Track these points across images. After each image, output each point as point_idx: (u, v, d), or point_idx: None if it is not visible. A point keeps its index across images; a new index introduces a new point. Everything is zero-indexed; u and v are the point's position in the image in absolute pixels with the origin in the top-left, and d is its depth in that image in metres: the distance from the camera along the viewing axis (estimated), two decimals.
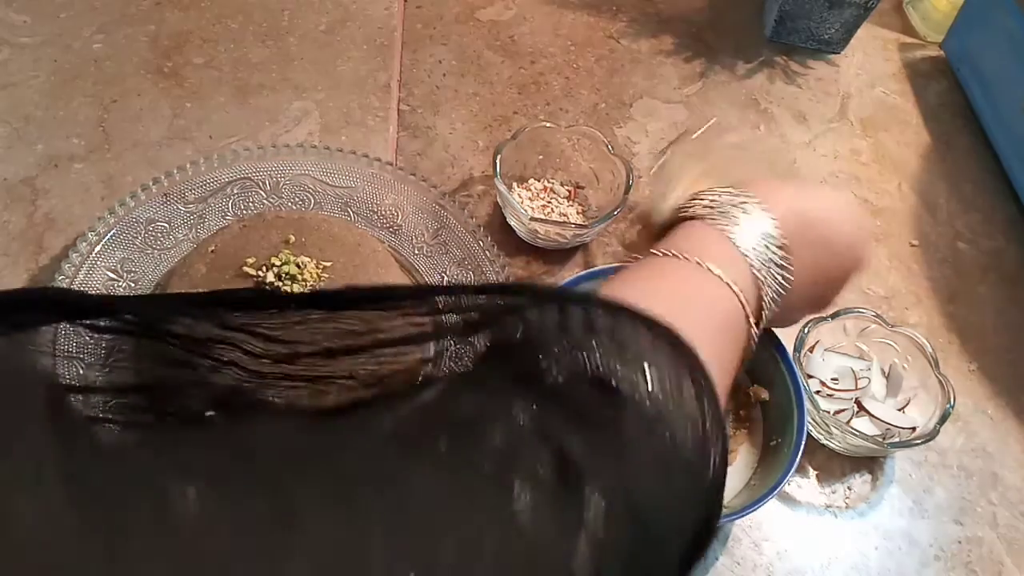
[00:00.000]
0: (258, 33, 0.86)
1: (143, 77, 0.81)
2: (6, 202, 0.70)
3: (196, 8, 0.87)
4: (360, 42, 0.87)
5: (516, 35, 0.91)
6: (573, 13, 0.95)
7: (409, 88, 0.84)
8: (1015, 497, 0.65)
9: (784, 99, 0.91)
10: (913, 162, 0.87)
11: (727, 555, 0.60)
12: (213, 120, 0.78)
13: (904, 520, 0.63)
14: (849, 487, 0.64)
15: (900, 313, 0.75)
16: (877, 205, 0.83)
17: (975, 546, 0.62)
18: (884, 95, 0.93)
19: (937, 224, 0.82)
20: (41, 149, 0.74)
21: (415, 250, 0.69)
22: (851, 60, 0.96)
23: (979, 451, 0.67)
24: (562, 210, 0.75)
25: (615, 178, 0.73)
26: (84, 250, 0.62)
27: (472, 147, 0.80)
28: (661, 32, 0.94)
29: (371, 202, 0.71)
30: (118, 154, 0.74)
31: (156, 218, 0.66)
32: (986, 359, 0.73)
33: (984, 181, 0.86)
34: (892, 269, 0.78)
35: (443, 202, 0.70)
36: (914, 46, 0.99)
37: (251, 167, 0.70)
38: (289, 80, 0.83)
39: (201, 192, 0.68)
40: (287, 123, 0.79)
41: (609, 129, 0.84)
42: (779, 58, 0.94)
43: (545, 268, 0.73)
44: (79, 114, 0.77)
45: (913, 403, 0.65)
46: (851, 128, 0.89)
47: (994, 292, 0.78)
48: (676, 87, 0.89)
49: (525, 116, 0.84)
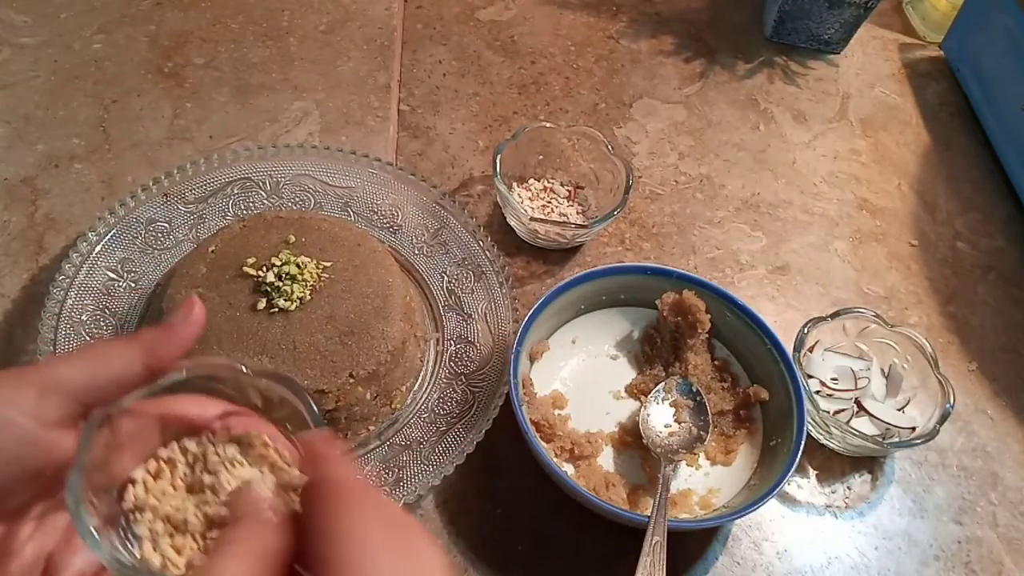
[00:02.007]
0: (258, 33, 0.86)
1: (143, 77, 0.81)
2: (6, 202, 0.70)
3: (196, 8, 0.87)
4: (360, 42, 0.87)
5: (516, 35, 0.91)
6: (573, 13, 0.95)
7: (409, 88, 0.84)
8: (1015, 497, 0.65)
9: (784, 99, 0.91)
10: (912, 162, 0.87)
11: (727, 555, 0.60)
12: (213, 120, 0.78)
13: (904, 520, 0.63)
14: (849, 487, 0.64)
15: (900, 313, 0.75)
16: (877, 205, 0.83)
17: (975, 546, 0.62)
18: (884, 95, 0.93)
19: (936, 224, 0.82)
20: (41, 149, 0.74)
21: (415, 250, 0.69)
22: (851, 60, 0.96)
23: (979, 451, 0.67)
24: (562, 210, 0.75)
25: (615, 178, 0.73)
26: (84, 250, 0.62)
27: (472, 147, 0.80)
28: (661, 32, 0.94)
29: (371, 202, 0.71)
30: (118, 154, 0.74)
31: (156, 218, 0.66)
32: (986, 359, 0.73)
33: (983, 181, 0.86)
34: (892, 269, 0.78)
35: (443, 202, 0.70)
36: (914, 46, 0.99)
37: (251, 167, 0.70)
38: (289, 80, 0.83)
39: (201, 192, 0.68)
40: (287, 123, 0.79)
41: (609, 129, 0.84)
42: (779, 58, 0.94)
43: (545, 268, 0.73)
44: (79, 114, 0.77)
45: (913, 403, 0.65)
46: (851, 128, 0.89)
47: (993, 292, 0.78)
48: (676, 87, 0.90)
49: (525, 116, 0.84)
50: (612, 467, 0.61)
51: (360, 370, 0.56)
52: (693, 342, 0.65)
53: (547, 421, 0.60)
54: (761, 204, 0.81)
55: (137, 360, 0.36)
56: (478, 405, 0.60)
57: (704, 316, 0.64)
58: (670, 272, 0.66)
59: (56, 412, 0.35)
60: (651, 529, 0.53)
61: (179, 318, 0.38)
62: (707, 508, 0.59)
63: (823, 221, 0.81)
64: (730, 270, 0.76)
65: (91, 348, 0.37)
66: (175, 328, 0.38)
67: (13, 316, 0.64)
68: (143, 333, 0.37)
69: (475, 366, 0.63)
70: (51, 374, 0.35)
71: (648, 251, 0.76)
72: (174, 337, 0.37)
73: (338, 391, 0.55)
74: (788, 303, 0.74)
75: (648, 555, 0.52)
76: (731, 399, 0.64)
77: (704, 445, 0.61)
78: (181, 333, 0.38)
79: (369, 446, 0.59)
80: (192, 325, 0.38)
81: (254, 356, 0.55)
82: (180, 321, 0.38)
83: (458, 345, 0.64)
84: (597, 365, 0.67)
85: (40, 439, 0.34)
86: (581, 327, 0.67)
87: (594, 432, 0.62)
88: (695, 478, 0.61)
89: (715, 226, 0.79)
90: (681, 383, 0.64)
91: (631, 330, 0.68)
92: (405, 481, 0.56)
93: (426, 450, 0.58)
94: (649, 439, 0.61)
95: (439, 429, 0.60)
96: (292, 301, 0.57)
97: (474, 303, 0.66)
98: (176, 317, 0.38)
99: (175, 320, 0.38)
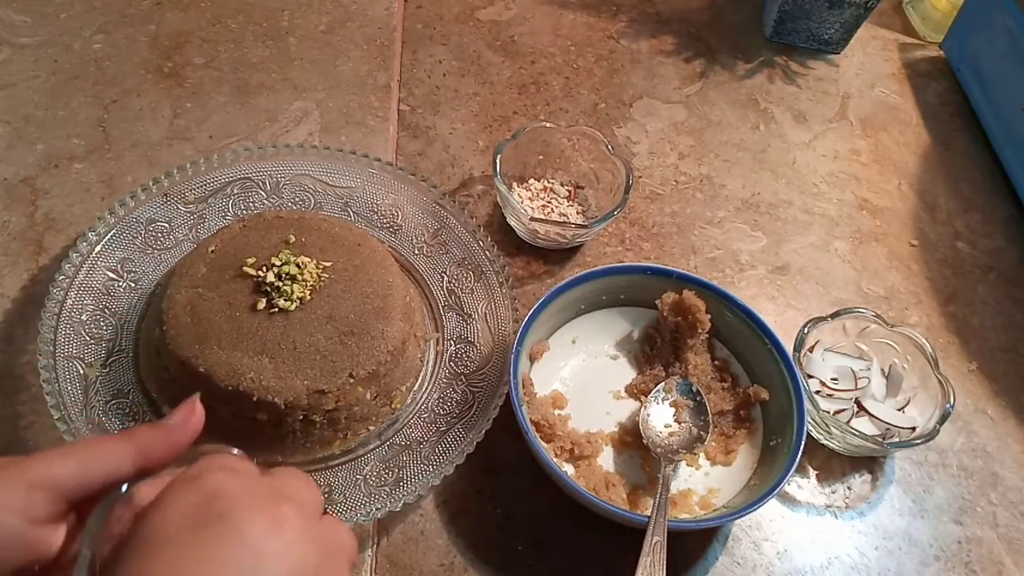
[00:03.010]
0: (258, 33, 0.86)
1: (143, 77, 0.81)
2: (6, 202, 0.70)
3: (196, 8, 0.87)
4: (360, 42, 0.87)
5: (516, 35, 0.91)
6: (573, 13, 0.95)
7: (409, 88, 0.84)
8: (1015, 497, 0.65)
9: (784, 99, 0.91)
10: (912, 162, 0.87)
11: (727, 555, 0.60)
12: (213, 120, 0.78)
13: (904, 520, 0.63)
14: (849, 487, 0.64)
15: (900, 313, 0.75)
16: (877, 205, 0.83)
17: (975, 546, 0.62)
18: (884, 95, 0.93)
19: (936, 224, 0.82)
20: (41, 149, 0.74)
21: (415, 250, 0.69)
22: (851, 60, 0.96)
23: (979, 451, 0.67)
24: (562, 210, 0.75)
25: (615, 178, 0.73)
26: (84, 250, 0.62)
27: (472, 147, 0.80)
28: (661, 32, 0.94)
29: (371, 202, 0.71)
30: (118, 154, 0.74)
31: (156, 218, 0.66)
32: (986, 359, 0.73)
33: (983, 181, 0.86)
34: (892, 269, 0.78)
35: (443, 202, 0.70)
36: (914, 46, 0.99)
37: (251, 167, 0.70)
38: (289, 80, 0.83)
39: (201, 192, 0.68)
40: (287, 123, 0.79)
41: (609, 129, 0.84)
42: (779, 58, 0.94)
43: (545, 268, 0.73)
44: (79, 114, 0.77)
45: (913, 403, 0.65)
46: (851, 128, 0.89)
47: (993, 292, 0.78)
48: (676, 87, 0.89)
49: (525, 116, 0.84)
50: (612, 467, 0.61)
51: (360, 370, 0.56)
52: (693, 342, 0.65)
53: (547, 421, 0.60)
54: (761, 204, 0.81)
55: (129, 460, 0.36)
56: (478, 405, 0.60)
57: (704, 316, 0.64)
58: (670, 272, 0.66)
59: (44, 509, 0.34)
60: (651, 529, 0.53)
61: (177, 420, 0.38)
62: (707, 508, 0.59)
63: (823, 221, 0.81)
64: (730, 270, 0.76)
65: (82, 445, 0.37)
66: (171, 431, 0.37)
67: (13, 316, 0.64)
68: (138, 432, 0.37)
69: (475, 366, 0.63)
70: (41, 471, 0.35)
71: (648, 251, 0.76)
72: (169, 440, 0.37)
73: (338, 391, 0.55)
74: (788, 303, 0.74)
75: (648, 555, 0.52)
76: (731, 399, 0.64)
77: (704, 445, 0.61)
78: (176, 437, 0.37)
79: (369, 446, 0.59)
80: (188, 431, 0.38)
81: (254, 356, 0.55)
82: (177, 425, 0.38)
83: (458, 345, 0.64)
84: (597, 365, 0.67)
85: (27, 536, 0.34)
86: (581, 327, 0.67)
87: (594, 432, 0.62)
88: (695, 478, 0.61)
89: (715, 226, 0.79)
90: (681, 383, 0.64)
91: (631, 330, 0.68)
92: (405, 481, 0.56)
93: (426, 450, 0.58)
94: (649, 439, 0.61)
95: (439, 429, 0.60)
96: (292, 301, 0.57)
97: (474, 303, 0.66)
98: (174, 419, 0.38)
99: (173, 422, 0.38)
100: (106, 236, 0.63)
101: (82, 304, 0.60)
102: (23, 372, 0.61)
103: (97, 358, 0.59)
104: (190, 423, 0.38)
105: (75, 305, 0.60)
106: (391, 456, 0.58)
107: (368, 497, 0.55)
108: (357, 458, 0.58)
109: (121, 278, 0.63)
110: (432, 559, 0.57)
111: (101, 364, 0.59)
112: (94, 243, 0.63)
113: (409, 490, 0.56)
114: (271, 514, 0.32)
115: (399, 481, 0.56)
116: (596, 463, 0.61)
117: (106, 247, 0.63)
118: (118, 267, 0.63)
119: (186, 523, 0.31)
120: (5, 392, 0.60)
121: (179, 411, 0.38)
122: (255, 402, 0.54)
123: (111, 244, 0.63)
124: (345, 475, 0.57)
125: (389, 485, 0.56)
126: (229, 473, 0.34)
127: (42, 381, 0.55)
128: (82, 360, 0.58)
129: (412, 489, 0.56)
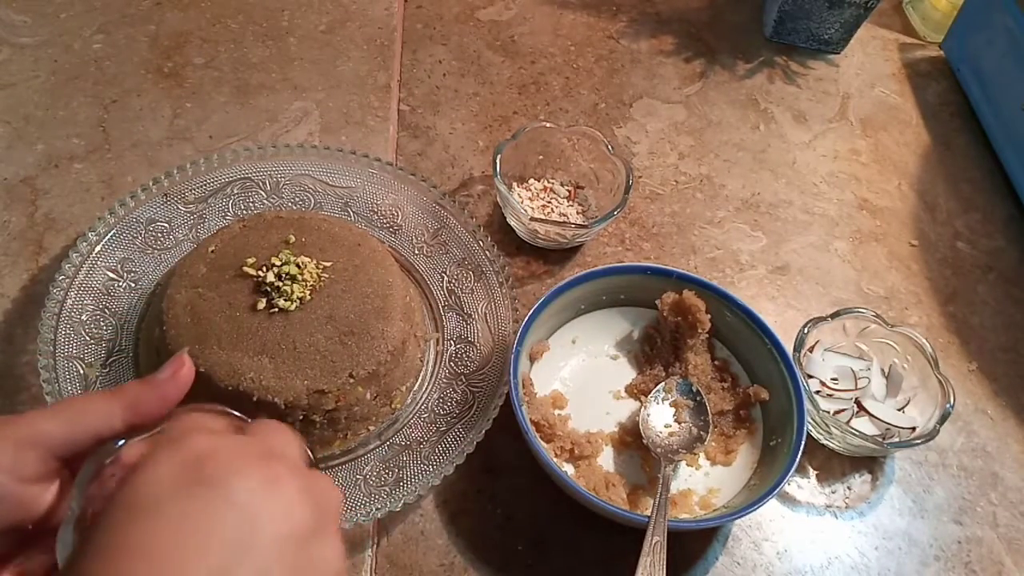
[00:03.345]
0: (258, 33, 0.86)
1: (143, 77, 0.81)
2: (6, 202, 0.70)
3: (196, 8, 0.87)
4: (360, 42, 0.87)
5: (516, 35, 0.91)
6: (573, 13, 0.95)
7: (409, 88, 0.84)
8: (1015, 497, 0.65)
9: (784, 99, 0.91)
10: (912, 162, 0.87)
11: (727, 555, 0.60)
12: (213, 120, 0.78)
13: (904, 520, 0.63)
14: (849, 487, 0.64)
15: (900, 313, 0.75)
16: (877, 205, 0.83)
17: (975, 546, 0.62)
18: (884, 95, 0.93)
19: (936, 224, 0.82)
20: (41, 149, 0.74)
21: (415, 250, 0.69)
22: (851, 60, 0.96)
23: (979, 451, 0.67)
24: (562, 210, 0.75)
25: (615, 178, 0.73)
26: (84, 250, 0.62)
27: (472, 147, 0.80)
28: (661, 32, 0.94)
29: (371, 202, 0.71)
30: (118, 154, 0.74)
31: (156, 218, 0.66)
32: (986, 359, 0.73)
33: (983, 181, 0.86)
34: (892, 269, 0.78)
35: (443, 202, 0.70)
36: (914, 46, 0.99)
37: (251, 167, 0.70)
38: (289, 80, 0.83)
39: (201, 192, 0.68)
40: (287, 123, 0.79)
41: (609, 129, 0.84)
42: (779, 58, 0.94)
43: (545, 268, 0.73)
44: (79, 114, 0.77)
45: (913, 403, 0.65)
46: (851, 128, 0.89)
47: (993, 292, 0.78)
48: (676, 87, 0.90)
49: (525, 116, 0.84)
50: (612, 467, 0.61)
51: (360, 370, 0.56)
52: (693, 342, 0.65)
53: (547, 421, 0.60)
54: (761, 204, 0.81)
55: (118, 416, 0.35)
56: (478, 405, 0.60)
57: (704, 316, 0.64)
58: (670, 272, 0.66)
59: (33, 467, 0.34)
60: (651, 529, 0.53)
61: (166, 375, 0.37)
62: (707, 508, 0.59)
63: (823, 221, 0.81)
64: (730, 270, 0.76)
65: (71, 402, 0.36)
66: (160, 385, 0.37)
67: (13, 316, 0.64)
68: (127, 387, 0.36)
69: (475, 366, 0.63)
70: (29, 429, 0.34)
71: (648, 251, 0.76)
72: (158, 394, 0.37)
73: (338, 391, 0.55)
74: (788, 303, 0.74)
75: (648, 555, 0.52)
76: (731, 399, 0.64)
77: (704, 445, 0.61)
78: (166, 391, 0.37)
79: (369, 446, 0.59)
80: (178, 385, 0.37)
81: (254, 356, 0.55)
82: (166, 379, 0.37)
83: (458, 345, 0.64)
84: (597, 365, 0.67)
85: (17, 494, 0.34)
86: (581, 327, 0.67)
87: (594, 432, 0.62)
88: (695, 478, 0.61)
89: (715, 226, 0.79)
90: (681, 383, 0.64)
91: (631, 330, 0.68)
92: (405, 481, 0.56)
93: (426, 450, 0.58)
94: (649, 439, 0.61)
95: (439, 429, 0.60)
96: (292, 301, 0.57)
97: (474, 303, 0.66)
98: (163, 373, 0.37)
99: (162, 376, 0.37)
100: (106, 236, 0.63)
101: (82, 304, 0.60)
102: (23, 372, 0.61)
103: (97, 358, 0.59)
104: (179, 376, 0.37)
105: (75, 305, 0.60)
106: (391, 456, 0.58)
107: (368, 497, 0.55)
108: (357, 458, 0.58)
109: (121, 278, 0.63)
110: (432, 559, 0.57)
111: (101, 364, 0.59)
112: (94, 243, 0.63)
113: (409, 490, 0.56)
114: (263, 474, 0.31)
115: (399, 481, 0.56)
116: (596, 463, 0.61)
117: (106, 247, 0.63)
118: (118, 267, 0.63)
119: (175, 488, 0.30)
120: (5, 392, 0.60)
121: (168, 365, 0.38)
122: (255, 402, 0.54)
123: (111, 244, 0.63)
124: (345, 475, 0.57)
125: (389, 485, 0.56)
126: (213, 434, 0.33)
127: (42, 381, 0.56)
128: (82, 360, 0.58)
129: (412, 489, 0.56)
